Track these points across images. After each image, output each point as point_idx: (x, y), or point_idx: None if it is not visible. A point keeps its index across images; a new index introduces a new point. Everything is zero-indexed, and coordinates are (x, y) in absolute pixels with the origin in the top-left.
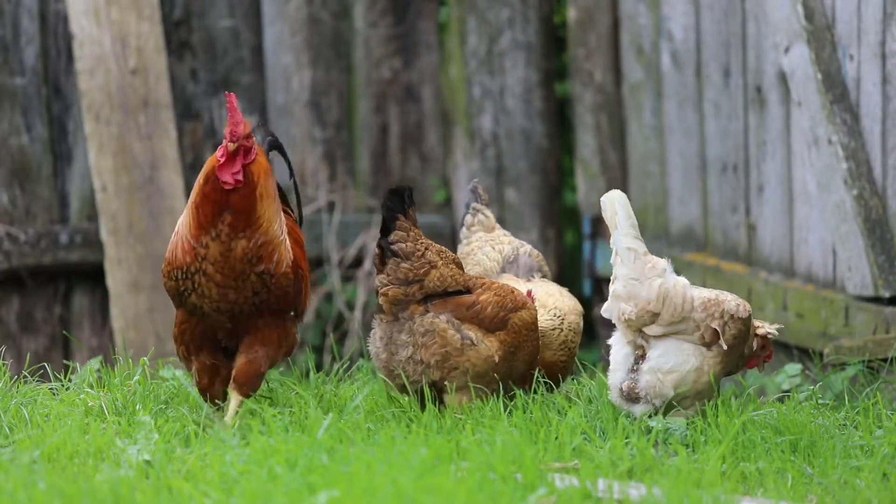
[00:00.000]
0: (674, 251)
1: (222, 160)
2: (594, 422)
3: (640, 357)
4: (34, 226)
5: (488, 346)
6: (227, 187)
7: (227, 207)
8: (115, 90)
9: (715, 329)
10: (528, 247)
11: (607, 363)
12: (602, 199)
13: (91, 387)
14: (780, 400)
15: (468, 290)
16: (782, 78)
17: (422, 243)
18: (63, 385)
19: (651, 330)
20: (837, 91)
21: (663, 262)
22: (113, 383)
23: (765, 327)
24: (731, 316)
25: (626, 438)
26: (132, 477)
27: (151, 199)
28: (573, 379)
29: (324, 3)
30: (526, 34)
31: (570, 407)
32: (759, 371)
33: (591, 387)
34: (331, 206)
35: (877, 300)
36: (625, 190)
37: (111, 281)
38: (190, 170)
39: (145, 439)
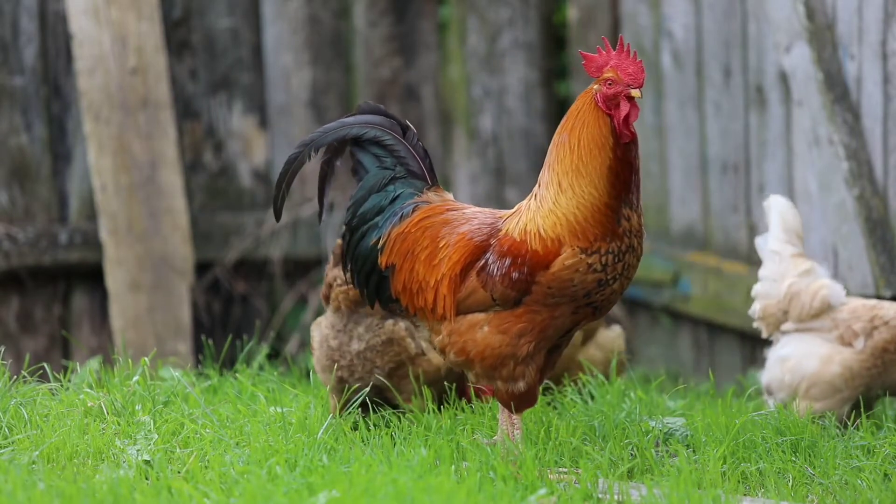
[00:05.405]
0: (674, 251)
1: (624, 111)
2: (594, 422)
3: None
4: (33, 225)
5: (438, 357)
6: (625, 140)
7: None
8: (115, 90)
9: (854, 330)
10: None
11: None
12: (764, 203)
13: (90, 387)
14: None
15: None
16: (783, 77)
17: None
18: (62, 385)
19: (784, 326)
20: (838, 91)
21: (808, 264)
22: (112, 383)
23: None
24: (885, 322)
25: (626, 439)
26: (131, 477)
27: (151, 199)
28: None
29: (324, 2)
30: (526, 34)
31: (571, 407)
32: None
33: (592, 386)
34: (331, 206)
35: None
36: None
37: (111, 281)
38: (190, 170)
39: (145, 440)
